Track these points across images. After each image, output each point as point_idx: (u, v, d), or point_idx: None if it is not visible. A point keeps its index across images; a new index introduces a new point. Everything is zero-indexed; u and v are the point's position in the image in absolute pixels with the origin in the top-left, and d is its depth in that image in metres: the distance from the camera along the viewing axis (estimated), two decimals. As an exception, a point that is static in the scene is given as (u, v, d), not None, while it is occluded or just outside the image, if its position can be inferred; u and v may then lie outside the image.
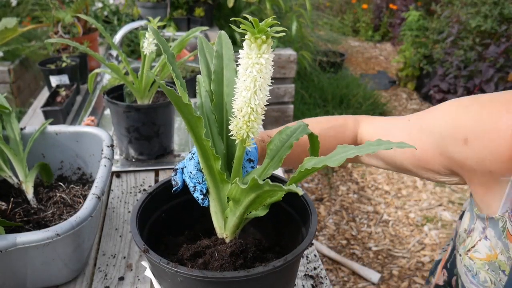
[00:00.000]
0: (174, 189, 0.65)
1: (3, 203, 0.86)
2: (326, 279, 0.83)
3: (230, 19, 0.58)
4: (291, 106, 2.87)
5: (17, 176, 0.91)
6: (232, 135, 0.54)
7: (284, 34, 0.48)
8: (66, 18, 1.71)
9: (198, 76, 0.63)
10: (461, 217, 0.90)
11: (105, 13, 2.41)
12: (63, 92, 1.53)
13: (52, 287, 0.79)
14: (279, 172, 1.21)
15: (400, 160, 0.75)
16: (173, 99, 0.49)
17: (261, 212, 0.58)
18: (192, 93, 1.67)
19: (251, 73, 0.49)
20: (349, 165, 2.97)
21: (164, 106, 1.16)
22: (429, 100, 3.76)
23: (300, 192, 0.44)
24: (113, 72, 1.08)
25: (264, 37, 0.47)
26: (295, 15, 2.62)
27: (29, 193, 0.90)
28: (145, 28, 1.93)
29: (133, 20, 2.40)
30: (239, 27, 0.49)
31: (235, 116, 0.53)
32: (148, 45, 1.08)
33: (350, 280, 2.06)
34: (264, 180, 0.49)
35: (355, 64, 4.81)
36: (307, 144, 0.62)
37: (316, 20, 4.07)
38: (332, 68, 4.07)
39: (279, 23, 0.48)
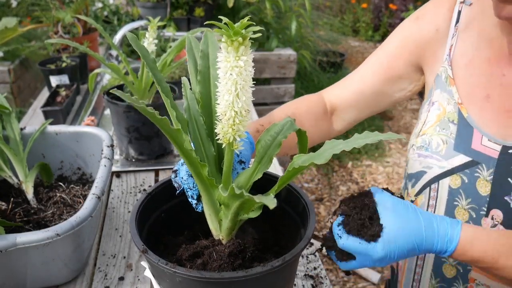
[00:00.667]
0: (178, 191, 0.65)
1: (3, 203, 0.86)
2: (326, 279, 0.83)
3: (206, 22, 0.57)
4: (291, 106, 2.87)
5: (17, 176, 0.91)
6: (218, 138, 0.53)
7: (260, 34, 0.47)
8: (66, 18, 1.71)
9: (183, 78, 0.63)
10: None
11: (105, 13, 2.41)
12: (63, 92, 1.53)
13: (52, 287, 0.80)
14: (276, 166, 1.21)
15: (368, 88, 0.86)
16: (149, 115, 0.48)
17: (253, 214, 0.57)
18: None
19: (231, 76, 0.48)
20: (349, 165, 2.97)
21: (164, 106, 1.16)
22: (429, 100, 3.76)
23: (271, 205, 0.43)
24: (113, 72, 1.08)
25: (240, 39, 0.46)
26: (294, 15, 2.61)
27: (29, 193, 0.90)
28: (145, 28, 1.93)
29: (133, 20, 2.40)
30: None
31: (220, 120, 0.52)
32: (148, 45, 1.09)
33: (350, 280, 2.06)
34: (245, 188, 0.48)
35: (355, 64, 4.81)
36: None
37: (316, 20, 4.07)
38: (332, 68, 4.07)
39: (255, 24, 0.47)
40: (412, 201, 0.81)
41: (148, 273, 0.63)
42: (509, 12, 0.61)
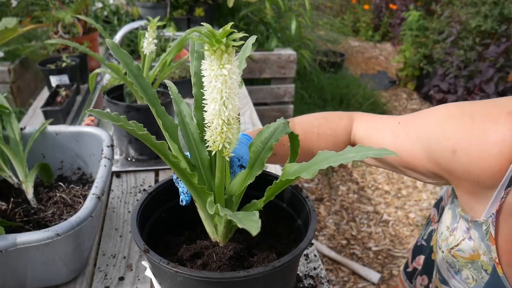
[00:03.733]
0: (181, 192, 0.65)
1: (3, 203, 0.86)
2: (326, 279, 0.83)
3: (189, 30, 0.55)
4: (291, 106, 2.88)
5: (17, 176, 0.91)
6: (207, 145, 0.52)
7: (243, 42, 0.46)
8: (66, 18, 1.71)
9: (168, 82, 0.62)
10: (436, 205, 0.92)
11: (105, 13, 2.41)
12: (63, 92, 1.53)
13: (52, 287, 0.79)
14: (277, 166, 1.21)
15: (389, 160, 0.76)
16: (130, 131, 0.48)
17: None
18: (191, 94, 1.67)
19: (216, 85, 0.47)
20: (349, 165, 2.97)
21: (164, 106, 1.16)
22: (429, 100, 3.76)
23: (254, 231, 0.41)
24: (113, 72, 1.08)
25: (223, 47, 0.45)
26: (294, 14, 2.61)
27: (29, 193, 0.90)
28: (145, 28, 1.93)
29: (133, 20, 2.40)
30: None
31: (208, 127, 0.51)
32: (148, 45, 1.08)
33: (350, 280, 2.06)
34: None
35: (355, 64, 4.81)
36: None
37: (316, 20, 4.07)
38: (332, 68, 4.07)
39: (235, 30, 0.45)
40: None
41: (148, 273, 0.63)
42: None
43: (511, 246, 0.65)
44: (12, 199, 0.89)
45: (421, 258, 0.92)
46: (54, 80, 1.62)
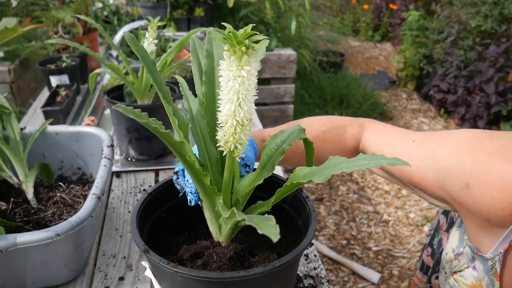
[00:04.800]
0: (181, 193, 0.65)
1: (3, 203, 0.86)
2: (326, 279, 0.83)
3: (210, 29, 0.55)
4: (291, 106, 2.87)
5: (17, 176, 0.91)
6: (219, 145, 0.52)
7: (266, 45, 0.46)
8: (66, 18, 1.71)
9: (179, 78, 0.62)
10: (444, 212, 0.90)
11: (105, 13, 2.41)
12: (63, 92, 1.53)
13: (52, 287, 0.79)
14: (278, 171, 1.21)
15: (398, 176, 0.74)
16: (152, 129, 0.48)
17: None
18: (192, 93, 1.67)
19: (233, 86, 0.46)
20: (349, 165, 2.96)
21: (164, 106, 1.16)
22: (429, 100, 3.76)
23: (274, 238, 0.40)
24: (113, 72, 1.08)
25: (244, 48, 0.45)
26: (294, 14, 2.62)
27: (29, 193, 0.90)
28: (145, 28, 1.93)
29: (133, 20, 2.40)
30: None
31: (221, 127, 0.50)
32: (148, 45, 1.08)
33: (350, 280, 2.06)
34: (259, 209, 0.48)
35: (355, 64, 4.81)
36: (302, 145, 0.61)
37: (316, 20, 4.07)
38: (332, 68, 4.07)
39: (258, 33, 0.45)
40: None
41: (148, 273, 0.63)
42: None
43: None
44: (12, 199, 0.89)
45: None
46: (54, 80, 1.62)
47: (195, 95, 0.62)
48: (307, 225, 0.60)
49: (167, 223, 0.69)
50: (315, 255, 0.90)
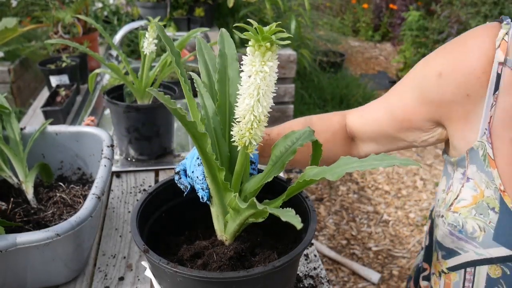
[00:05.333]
0: (186, 192, 0.65)
1: (3, 203, 0.86)
2: (326, 279, 0.83)
3: (234, 25, 0.57)
4: (291, 106, 2.88)
5: (17, 176, 0.91)
6: (233, 141, 0.52)
7: (289, 42, 0.47)
8: (66, 18, 1.71)
9: (193, 74, 0.62)
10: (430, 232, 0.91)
11: (105, 13, 2.41)
12: (63, 92, 1.53)
13: (52, 287, 0.79)
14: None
15: (385, 131, 0.78)
16: (178, 117, 0.48)
17: (261, 219, 0.57)
18: (192, 93, 1.67)
19: (255, 81, 0.47)
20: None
21: (164, 106, 1.15)
22: (429, 100, 3.76)
23: (298, 225, 0.41)
24: (113, 72, 1.08)
25: (268, 44, 0.46)
26: (294, 14, 2.62)
27: (29, 193, 0.90)
28: (145, 28, 1.93)
29: (133, 20, 2.40)
30: (240, 31, 0.48)
31: (237, 122, 0.51)
32: (148, 45, 1.08)
33: (350, 280, 2.06)
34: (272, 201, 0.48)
35: (355, 64, 4.81)
36: (307, 148, 0.62)
37: (316, 20, 4.07)
38: (332, 68, 4.07)
39: (284, 30, 0.46)
40: (444, 272, 0.74)
41: (148, 273, 0.63)
42: None
43: (510, 150, 0.63)
44: (12, 199, 0.89)
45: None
46: (54, 80, 1.62)
47: (196, 95, 0.62)
48: (307, 225, 0.60)
49: (167, 223, 0.69)
50: (315, 255, 0.90)
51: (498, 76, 0.62)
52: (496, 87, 0.62)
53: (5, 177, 0.92)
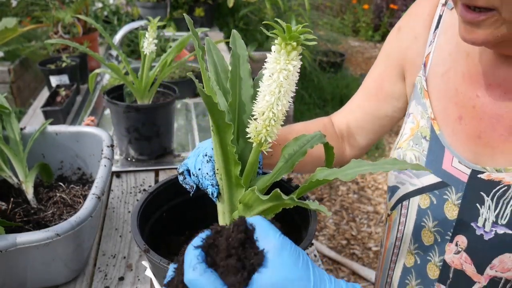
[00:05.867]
0: (192, 192, 0.65)
1: (3, 203, 0.86)
2: (326, 279, 0.83)
3: (263, 22, 0.59)
4: (291, 106, 2.88)
5: (17, 176, 0.91)
6: (249, 137, 0.53)
7: (315, 43, 0.48)
8: (66, 18, 1.71)
9: (207, 74, 0.63)
10: None
11: (105, 13, 2.41)
12: (63, 92, 1.53)
13: (52, 287, 0.79)
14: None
15: (369, 112, 0.84)
16: (209, 105, 0.49)
17: (268, 217, 0.57)
18: (192, 93, 1.67)
19: (278, 79, 0.48)
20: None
21: (164, 106, 1.16)
22: (429, 100, 3.76)
23: (329, 213, 0.44)
24: (113, 72, 1.08)
25: (294, 43, 0.47)
26: (294, 14, 2.62)
27: (29, 193, 0.90)
28: (145, 28, 1.94)
29: (133, 20, 2.40)
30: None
31: (254, 119, 0.52)
32: (148, 45, 1.08)
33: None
34: (289, 195, 0.49)
35: (355, 64, 4.81)
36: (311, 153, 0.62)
37: (316, 20, 4.07)
38: (332, 68, 4.07)
39: (311, 31, 0.47)
40: (388, 215, 0.79)
41: (148, 272, 0.63)
42: (476, 38, 0.56)
43: (442, 101, 0.69)
44: (12, 199, 0.89)
45: None
46: (54, 80, 1.62)
47: (196, 94, 0.62)
48: (307, 225, 0.60)
49: (167, 223, 0.69)
50: (315, 255, 0.90)
51: (440, 17, 0.70)
52: (437, 27, 0.71)
53: (5, 177, 0.92)
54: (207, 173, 0.62)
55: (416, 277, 0.73)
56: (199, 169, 0.63)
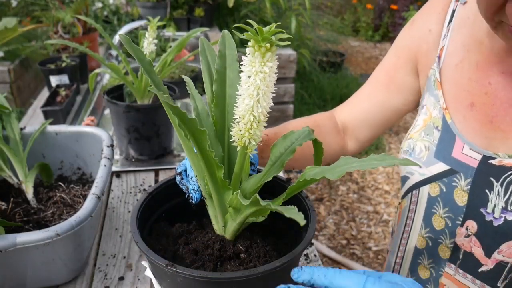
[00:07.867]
0: (187, 194, 0.65)
1: (3, 203, 0.86)
2: (326, 279, 0.83)
3: (234, 25, 0.58)
4: (291, 106, 2.88)
5: (17, 176, 0.91)
6: (233, 141, 0.53)
7: (289, 43, 0.47)
8: (66, 18, 1.71)
9: (186, 78, 0.63)
10: None
11: (105, 13, 2.41)
12: (63, 92, 1.53)
13: (52, 287, 0.79)
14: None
15: (377, 104, 0.85)
16: (177, 114, 0.48)
17: (261, 218, 0.57)
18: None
19: (254, 81, 0.47)
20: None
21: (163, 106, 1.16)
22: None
23: (302, 222, 0.42)
24: (113, 72, 1.08)
25: (268, 45, 0.46)
26: (294, 14, 2.62)
27: (29, 193, 0.90)
28: (145, 28, 1.93)
29: (133, 20, 2.40)
30: (240, 31, 0.48)
31: (237, 122, 0.51)
32: (148, 45, 1.08)
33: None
34: (270, 200, 0.48)
35: (355, 64, 4.81)
36: (306, 147, 0.62)
37: (316, 20, 4.07)
38: (332, 68, 4.07)
39: (284, 31, 0.46)
40: (399, 204, 0.81)
41: (148, 273, 0.63)
42: None
43: (454, 90, 0.71)
44: (12, 199, 0.89)
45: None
46: (54, 80, 1.62)
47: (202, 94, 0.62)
48: (307, 225, 0.60)
49: (167, 223, 0.69)
50: (315, 255, 0.90)
51: (453, 12, 0.73)
52: (450, 21, 0.73)
53: (5, 177, 0.92)
54: (191, 178, 0.62)
55: (428, 257, 0.76)
56: (184, 172, 0.64)
